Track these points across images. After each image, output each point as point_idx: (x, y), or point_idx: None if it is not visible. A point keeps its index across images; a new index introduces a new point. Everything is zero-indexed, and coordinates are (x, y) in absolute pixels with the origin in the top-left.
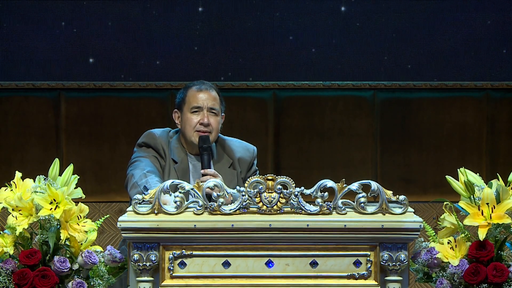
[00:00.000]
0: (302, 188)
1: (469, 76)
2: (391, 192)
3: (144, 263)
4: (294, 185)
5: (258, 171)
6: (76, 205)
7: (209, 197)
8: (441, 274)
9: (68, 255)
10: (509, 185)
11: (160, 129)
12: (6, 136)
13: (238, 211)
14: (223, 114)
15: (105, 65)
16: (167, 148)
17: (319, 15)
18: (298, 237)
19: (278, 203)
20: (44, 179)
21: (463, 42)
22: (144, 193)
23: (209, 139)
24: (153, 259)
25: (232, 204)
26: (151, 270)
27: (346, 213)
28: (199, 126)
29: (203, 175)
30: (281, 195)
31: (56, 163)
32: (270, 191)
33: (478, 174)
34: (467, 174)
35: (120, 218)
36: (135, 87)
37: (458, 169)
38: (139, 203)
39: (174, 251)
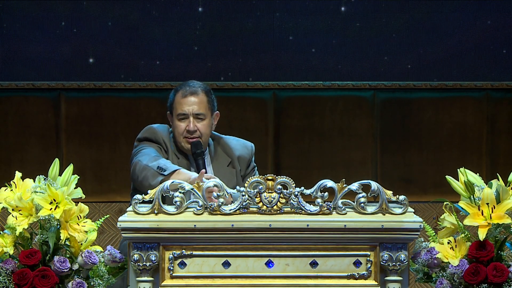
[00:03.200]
0: (302, 188)
1: (469, 76)
2: (391, 192)
3: (144, 263)
4: (294, 185)
5: (256, 168)
6: (76, 205)
7: None
8: (441, 274)
9: (68, 255)
10: (509, 185)
11: (160, 124)
12: (6, 136)
13: (238, 211)
14: (217, 112)
15: (105, 65)
16: (168, 142)
17: (319, 15)
18: (298, 237)
19: (278, 203)
20: (44, 179)
21: (463, 42)
22: (161, 174)
23: (200, 144)
24: (153, 259)
25: (232, 204)
26: (151, 270)
27: (346, 213)
28: (186, 133)
29: None
30: (281, 195)
31: (56, 163)
32: (270, 191)
33: (478, 174)
34: (467, 174)
35: (120, 218)
36: (135, 87)
37: (458, 169)
38: (139, 203)
39: (174, 251)
